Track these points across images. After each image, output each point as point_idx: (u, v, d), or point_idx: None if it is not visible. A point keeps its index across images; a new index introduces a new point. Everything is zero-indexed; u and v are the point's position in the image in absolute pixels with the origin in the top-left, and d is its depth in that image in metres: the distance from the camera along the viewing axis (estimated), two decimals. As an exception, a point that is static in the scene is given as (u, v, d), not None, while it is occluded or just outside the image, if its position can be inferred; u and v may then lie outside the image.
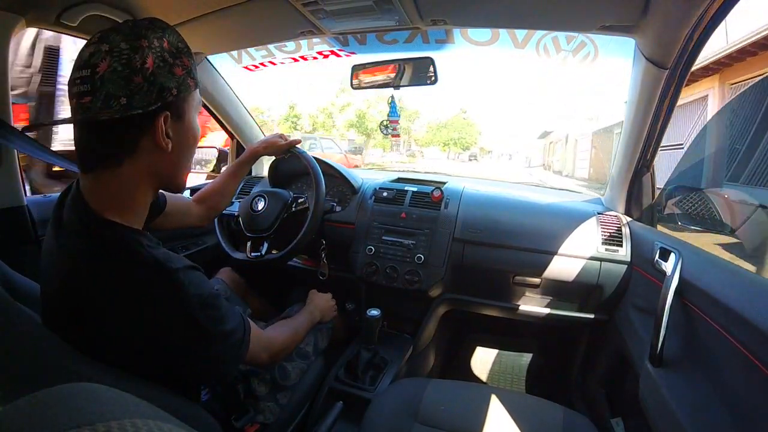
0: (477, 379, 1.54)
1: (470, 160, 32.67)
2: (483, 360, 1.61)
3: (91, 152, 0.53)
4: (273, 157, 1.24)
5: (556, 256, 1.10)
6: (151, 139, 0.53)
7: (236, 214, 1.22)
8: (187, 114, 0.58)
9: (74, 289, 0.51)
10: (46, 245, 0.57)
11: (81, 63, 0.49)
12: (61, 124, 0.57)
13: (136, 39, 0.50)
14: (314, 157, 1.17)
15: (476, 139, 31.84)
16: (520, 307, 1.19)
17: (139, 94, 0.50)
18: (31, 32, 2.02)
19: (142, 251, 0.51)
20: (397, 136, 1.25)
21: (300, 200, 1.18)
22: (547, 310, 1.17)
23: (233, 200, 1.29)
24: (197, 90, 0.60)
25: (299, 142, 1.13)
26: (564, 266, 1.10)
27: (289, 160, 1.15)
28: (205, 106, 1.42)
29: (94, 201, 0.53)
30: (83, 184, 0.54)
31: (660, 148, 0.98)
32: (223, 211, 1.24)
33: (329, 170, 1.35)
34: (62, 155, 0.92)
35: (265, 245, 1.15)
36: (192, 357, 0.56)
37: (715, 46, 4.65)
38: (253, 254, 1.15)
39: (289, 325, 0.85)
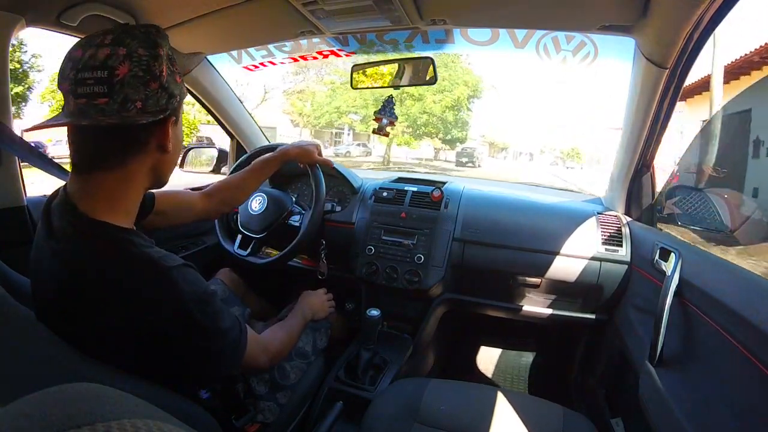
0: (477, 379, 1.54)
1: (463, 163, 17.36)
2: (483, 360, 1.61)
3: (95, 153, 0.53)
4: None
5: (556, 256, 1.10)
6: (157, 141, 0.56)
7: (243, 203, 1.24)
8: (180, 117, 0.62)
9: (71, 293, 0.51)
10: (36, 250, 0.57)
11: (95, 64, 0.49)
12: (63, 126, 0.56)
13: (153, 47, 0.52)
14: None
15: (465, 105, 13.63)
16: (520, 307, 1.19)
17: (153, 99, 0.52)
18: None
19: (135, 250, 0.52)
20: (387, 135, 1.26)
21: (295, 218, 1.20)
22: (547, 310, 1.17)
23: None
24: None
25: (332, 165, 1.18)
26: (564, 266, 1.10)
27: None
28: (205, 106, 1.42)
29: (84, 203, 0.53)
30: (73, 187, 0.55)
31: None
32: None
33: (329, 170, 1.35)
34: (55, 163, 0.90)
35: (252, 246, 1.18)
36: (191, 355, 0.56)
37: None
38: (238, 250, 1.18)
39: (283, 328, 0.85)
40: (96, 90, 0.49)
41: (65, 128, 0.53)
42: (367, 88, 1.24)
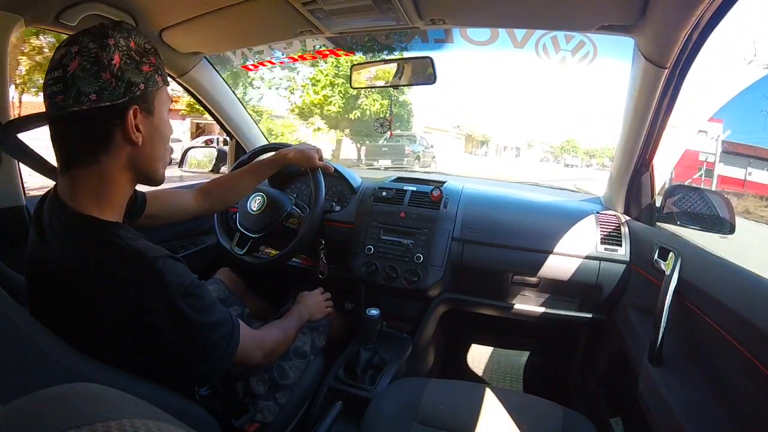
0: (476, 379, 1.54)
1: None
2: (482, 359, 1.61)
3: (67, 150, 0.54)
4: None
5: (555, 256, 1.10)
6: (122, 133, 0.55)
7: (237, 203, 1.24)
8: (158, 109, 0.60)
9: (62, 289, 0.52)
10: (29, 251, 0.58)
11: (53, 65, 0.51)
12: (41, 122, 0.59)
13: (103, 38, 0.53)
14: None
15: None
16: (520, 307, 1.19)
17: (108, 89, 0.52)
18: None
19: (120, 243, 0.52)
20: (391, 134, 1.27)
21: (292, 220, 1.20)
22: (547, 310, 1.17)
23: None
24: (167, 87, 0.62)
25: (332, 170, 1.19)
26: (563, 266, 1.10)
27: None
28: (204, 105, 1.42)
29: (71, 200, 0.54)
30: (60, 186, 0.56)
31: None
32: None
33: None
34: (52, 166, 0.90)
35: (249, 246, 1.18)
36: (182, 348, 0.56)
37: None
38: (235, 248, 1.19)
39: (278, 326, 0.85)
40: (55, 89, 0.51)
41: None
42: (367, 87, 1.24)
